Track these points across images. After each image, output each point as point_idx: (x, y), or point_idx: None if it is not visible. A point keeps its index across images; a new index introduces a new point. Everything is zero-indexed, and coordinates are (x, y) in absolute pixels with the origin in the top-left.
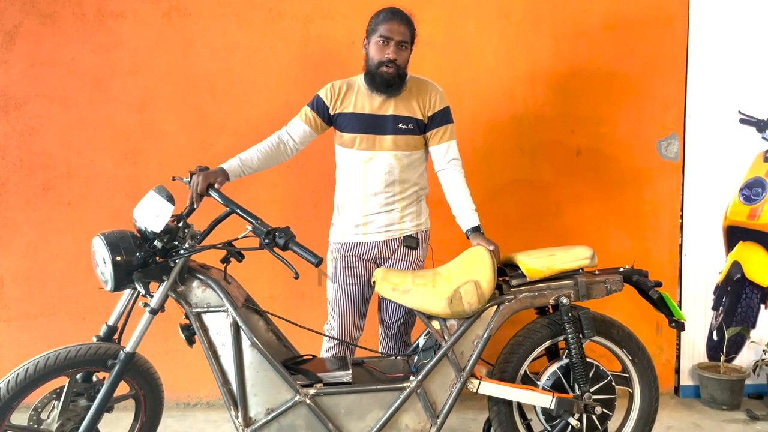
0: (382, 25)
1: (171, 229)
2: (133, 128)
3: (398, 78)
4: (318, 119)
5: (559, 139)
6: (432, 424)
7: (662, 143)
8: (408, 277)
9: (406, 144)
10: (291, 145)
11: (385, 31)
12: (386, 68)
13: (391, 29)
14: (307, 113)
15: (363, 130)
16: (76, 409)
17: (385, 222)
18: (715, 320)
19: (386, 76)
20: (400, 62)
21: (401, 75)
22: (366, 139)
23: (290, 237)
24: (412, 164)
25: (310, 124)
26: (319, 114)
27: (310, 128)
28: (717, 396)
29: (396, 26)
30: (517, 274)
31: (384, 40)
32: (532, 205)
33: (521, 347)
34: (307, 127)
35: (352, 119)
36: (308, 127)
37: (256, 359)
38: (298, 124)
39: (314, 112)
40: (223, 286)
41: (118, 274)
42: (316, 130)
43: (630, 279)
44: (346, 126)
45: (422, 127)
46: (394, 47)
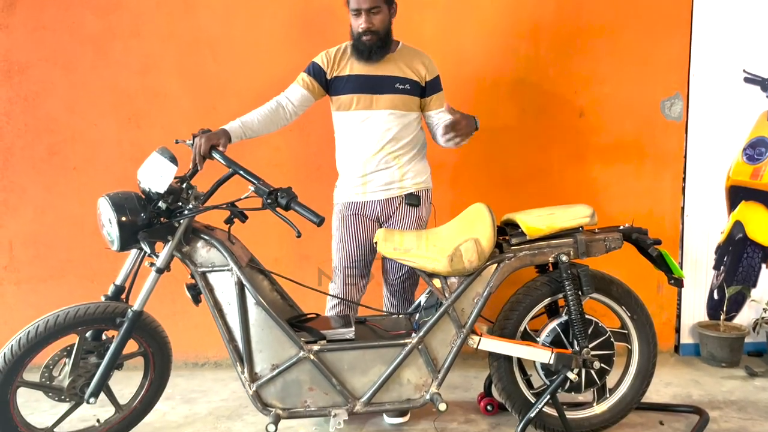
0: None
1: (175, 190)
2: (135, 92)
3: (381, 41)
4: (315, 83)
5: (562, 99)
6: (433, 379)
7: (666, 103)
8: (409, 237)
9: (404, 104)
10: (290, 109)
11: (354, 4)
12: (366, 38)
13: (357, 0)
14: (304, 78)
15: (360, 90)
16: (87, 366)
17: (385, 180)
18: (716, 279)
19: (368, 43)
20: (377, 27)
21: (383, 37)
22: (363, 99)
23: (292, 197)
24: (410, 124)
25: (308, 89)
26: (316, 78)
27: (308, 93)
28: (716, 354)
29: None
30: (517, 232)
31: (355, 12)
32: (533, 165)
33: (521, 305)
34: (305, 92)
35: (350, 80)
36: (306, 92)
37: (261, 317)
38: (296, 89)
39: (311, 77)
40: (227, 246)
41: (123, 234)
42: (313, 94)
43: (629, 237)
44: (344, 87)
45: (419, 90)
46: (366, 16)
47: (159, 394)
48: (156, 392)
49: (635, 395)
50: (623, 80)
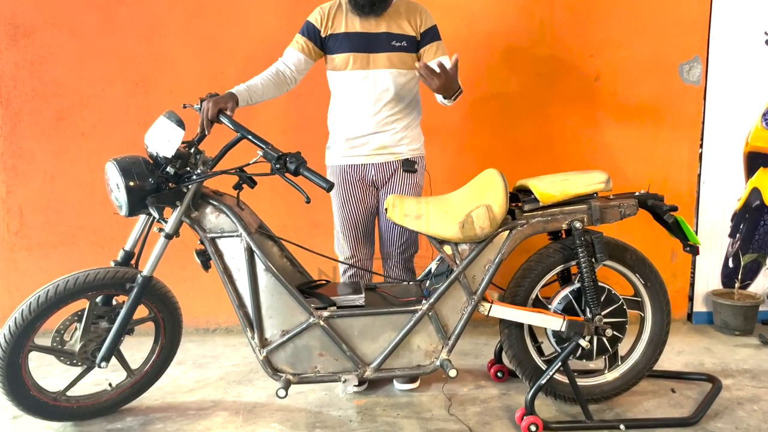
0: None
1: (183, 155)
2: (142, 57)
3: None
4: (310, 44)
5: (578, 63)
6: (444, 346)
7: (684, 67)
8: (420, 203)
9: (401, 61)
10: (289, 74)
11: None
12: None
13: None
14: (299, 40)
15: (356, 49)
16: (98, 331)
17: (381, 143)
18: (731, 247)
19: None
20: None
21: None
22: (359, 58)
23: (301, 162)
24: (408, 84)
25: (303, 52)
26: (311, 39)
27: (304, 56)
28: (730, 322)
29: None
30: (529, 199)
31: None
32: (547, 131)
33: (533, 272)
34: (301, 55)
35: (344, 39)
36: (302, 55)
37: (271, 283)
38: (292, 53)
39: (305, 38)
40: (236, 211)
41: (131, 200)
42: (310, 56)
43: (645, 203)
44: (339, 46)
45: (415, 45)
46: None
47: (170, 359)
48: (167, 357)
49: (647, 363)
50: (641, 43)
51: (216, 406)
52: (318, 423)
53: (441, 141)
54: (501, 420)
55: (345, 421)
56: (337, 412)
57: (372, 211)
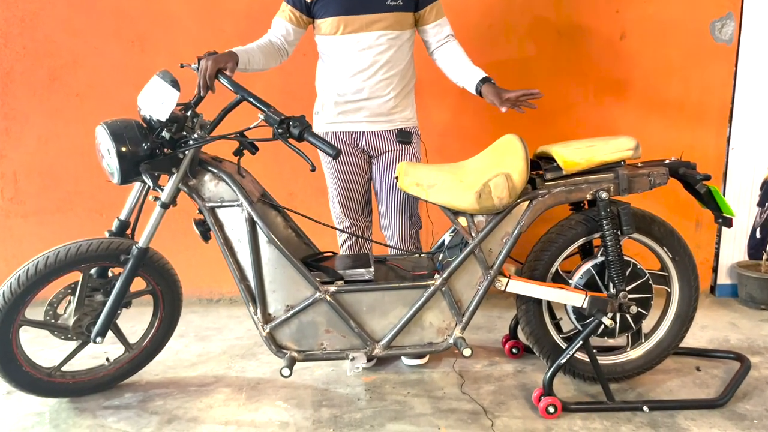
0: None
1: (178, 118)
2: (139, 13)
3: None
4: (297, 12)
5: (602, 20)
6: (457, 323)
7: (716, 24)
8: (432, 171)
9: (397, 22)
10: (280, 44)
11: None
12: None
13: None
14: (284, 9)
15: (347, 11)
16: (93, 304)
17: (374, 110)
18: (759, 217)
19: None
20: None
21: None
22: (352, 21)
23: (306, 126)
24: (404, 46)
25: (291, 21)
26: (297, 7)
27: (292, 26)
28: (756, 295)
29: None
30: (552, 167)
31: None
32: (569, 94)
33: (554, 244)
34: (288, 25)
35: (334, 1)
36: (290, 25)
37: (274, 255)
38: (279, 24)
39: (291, 6)
40: (237, 179)
41: (124, 166)
42: (299, 25)
43: (676, 172)
44: (328, 9)
45: (413, 4)
46: None
47: (170, 332)
48: (167, 331)
49: (673, 341)
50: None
51: (218, 382)
52: (324, 401)
53: (453, 105)
54: (517, 400)
55: (353, 399)
56: (344, 389)
57: (368, 178)
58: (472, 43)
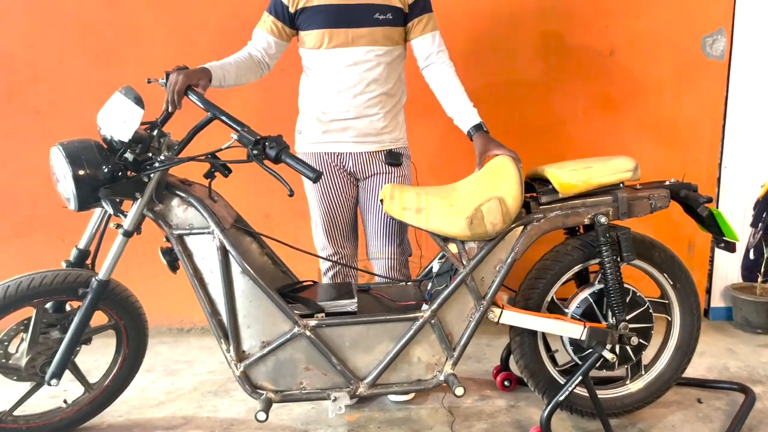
0: None
1: (143, 139)
2: (104, 24)
3: None
4: (279, 24)
5: (591, 35)
6: (448, 358)
7: (707, 40)
8: (421, 195)
9: (385, 37)
10: (260, 57)
11: None
12: None
13: None
14: (266, 20)
15: (333, 24)
16: (48, 342)
17: (362, 131)
18: (753, 238)
19: None
20: None
21: None
22: (337, 34)
23: (283, 147)
24: (393, 62)
25: (273, 33)
26: (279, 18)
27: (273, 38)
28: (752, 319)
29: None
30: (547, 189)
31: None
32: (557, 111)
33: (549, 272)
34: (270, 37)
35: (319, 13)
36: (272, 37)
37: (248, 287)
38: (260, 36)
39: (274, 17)
40: (208, 204)
41: (81, 191)
42: (281, 37)
43: (677, 194)
44: (313, 21)
45: (402, 18)
46: None
47: (135, 370)
48: (131, 368)
49: (674, 373)
50: (660, 13)
51: (188, 424)
52: None
53: (438, 124)
54: None
55: None
56: (325, 430)
57: (354, 202)
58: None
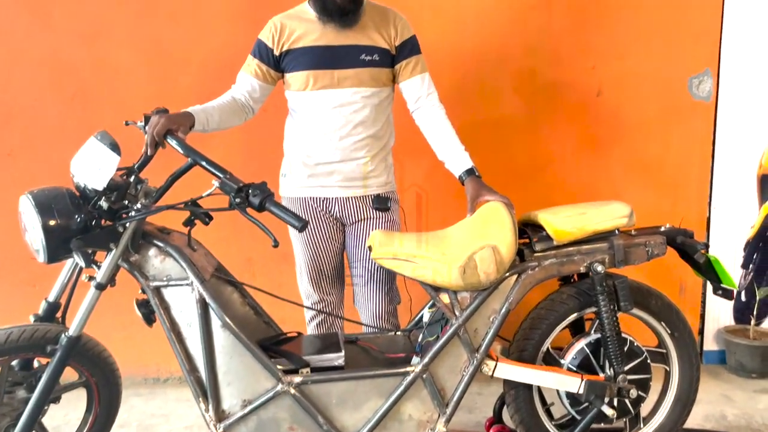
0: None
1: (119, 186)
2: (81, 63)
3: (354, 3)
4: (264, 67)
5: (578, 76)
6: (440, 414)
7: (694, 81)
8: (411, 242)
9: (372, 78)
10: (245, 101)
11: None
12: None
13: None
14: (250, 63)
15: (319, 65)
16: (13, 403)
17: (348, 175)
18: (744, 279)
19: (341, 2)
20: None
21: (358, 1)
22: (323, 75)
23: (267, 195)
24: (381, 104)
25: (257, 76)
26: (264, 61)
27: (258, 81)
28: (746, 363)
29: None
30: (541, 236)
31: None
32: (545, 151)
33: (544, 321)
34: (254, 80)
35: (305, 54)
36: (256, 80)
37: (229, 342)
38: (245, 79)
39: (258, 60)
40: (187, 254)
41: (51, 243)
42: (266, 81)
43: (674, 240)
44: (298, 63)
45: (389, 59)
46: None
47: (107, 428)
48: (103, 427)
49: (674, 426)
50: (647, 54)
51: None
52: None
53: (423, 165)
54: None
55: None
56: None
57: (341, 248)
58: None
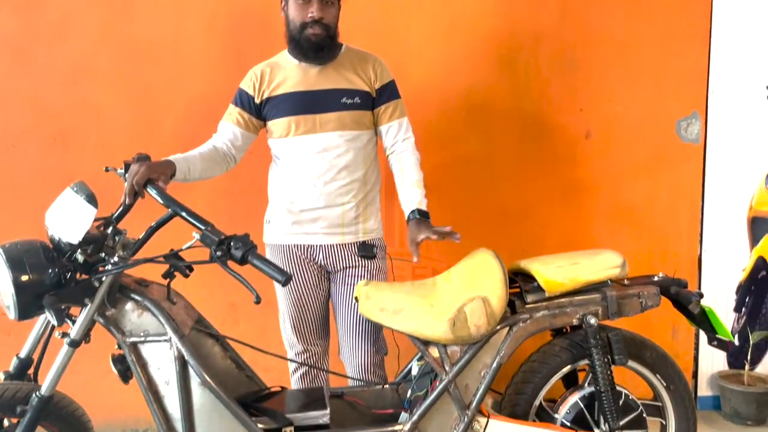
0: None
1: (96, 238)
2: (62, 106)
3: (329, 39)
4: (246, 115)
5: (566, 118)
6: None
7: (682, 123)
8: (398, 293)
9: (354, 121)
10: (226, 150)
11: None
12: (312, 29)
13: None
14: (232, 112)
15: (300, 111)
16: None
17: (332, 221)
18: (737, 323)
19: (314, 38)
20: (328, 20)
21: (332, 36)
22: (304, 121)
23: (250, 248)
24: (365, 148)
25: (239, 125)
26: (246, 109)
27: (240, 129)
28: (741, 410)
29: None
30: (532, 287)
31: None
32: (534, 195)
33: (536, 375)
34: (236, 129)
35: (285, 101)
36: (238, 129)
37: (209, 401)
38: (227, 127)
39: (240, 109)
40: (166, 308)
41: (23, 299)
42: (248, 129)
43: (667, 290)
44: (279, 110)
45: (370, 102)
46: (318, 3)
47: None
48: None
49: None
50: (634, 97)
51: None
52: None
53: None
54: None
55: None
56: None
57: (326, 297)
58: (432, 140)
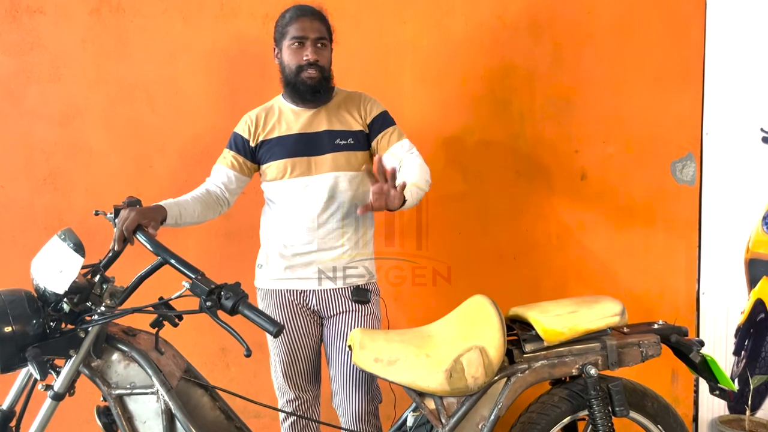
0: (291, 26)
1: (82, 287)
2: (53, 146)
3: (325, 81)
4: (240, 159)
5: (561, 160)
6: None
7: (677, 165)
8: (393, 343)
9: (348, 162)
10: (220, 194)
11: (296, 31)
12: (308, 72)
13: (303, 27)
14: (226, 156)
15: (294, 154)
16: None
17: (326, 265)
18: (737, 367)
19: (310, 81)
20: (322, 63)
21: (327, 78)
22: (299, 163)
23: (240, 297)
24: (359, 190)
25: (234, 168)
26: (240, 153)
27: (234, 173)
28: None
29: (308, 23)
30: (530, 336)
31: (298, 41)
32: (529, 236)
33: (535, 426)
34: (231, 172)
35: (279, 144)
36: (232, 172)
37: None
38: (220, 171)
39: (235, 152)
40: (153, 359)
41: (5, 352)
42: (242, 172)
43: (668, 339)
44: (274, 153)
45: (365, 141)
46: (312, 47)
47: None
48: None
49: None
50: (629, 139)
51: None
52: None
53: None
54: None
55: None
56: None
57: (318, 342)
58: None
